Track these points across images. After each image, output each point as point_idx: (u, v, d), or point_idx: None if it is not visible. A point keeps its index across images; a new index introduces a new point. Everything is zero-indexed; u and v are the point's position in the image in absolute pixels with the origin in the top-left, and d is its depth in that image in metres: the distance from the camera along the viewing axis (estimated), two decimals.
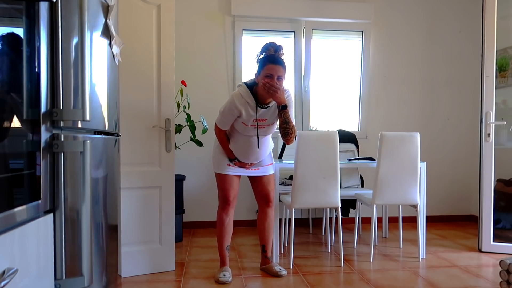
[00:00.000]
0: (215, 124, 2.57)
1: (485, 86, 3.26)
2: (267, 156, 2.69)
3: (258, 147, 2.55)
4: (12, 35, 1.00)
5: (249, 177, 2.70)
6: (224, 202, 2.61)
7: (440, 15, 4.41)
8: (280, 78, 2.37)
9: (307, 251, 3.27)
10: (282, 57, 2.44)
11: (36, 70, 1.12)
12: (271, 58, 2.40)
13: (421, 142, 4.31)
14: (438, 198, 4.47)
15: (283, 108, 2.39)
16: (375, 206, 2.98)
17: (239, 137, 2.55)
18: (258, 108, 2.46)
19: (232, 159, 2.59)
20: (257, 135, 2.52)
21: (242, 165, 2.61)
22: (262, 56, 2.46)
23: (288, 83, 4.12)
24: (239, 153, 2.58)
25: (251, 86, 2.48)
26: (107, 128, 1.63)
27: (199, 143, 3.50)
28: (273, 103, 2.50)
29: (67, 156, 1.25)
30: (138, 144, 2.65)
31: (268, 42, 2.47)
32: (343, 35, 4.31)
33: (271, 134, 2.64)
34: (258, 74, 2.43)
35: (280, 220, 3.30)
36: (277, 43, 2.45)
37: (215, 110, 3.93)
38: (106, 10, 1.60)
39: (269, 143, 2.68)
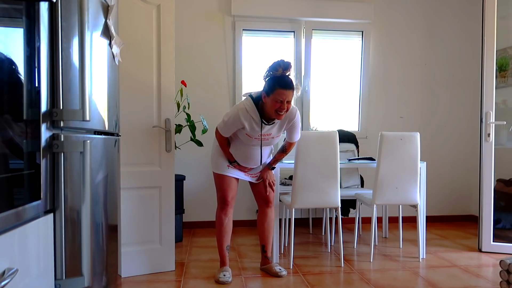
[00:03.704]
0: (217, 130, 2.55)
1: (485, 86, 3.26)
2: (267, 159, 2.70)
3: (261, 157, 2.56)
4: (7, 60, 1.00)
5: None
6: (223, 202, 2.61)
7: (440, 15, 4.41)
8: (289, 102, 2.36)
9: (307, 251, 3.27)
10: (289, 73, 2.38)
11: (36, 70, 1.12)
12: (281, 82, 2.32)
13: (421, 142, 4.30)
14: (438, 198, 4.47)
15: (272, 168, 2.67)
16: (375, 206, 2.98)
17: (240, 144, 2.54)
18: (263, 124, 2.45)
19: (232, 161, 2.60)
20: (260, 146, 2.52)
21: (241, 168, 2.62)
22: (270, 74, 2.38)
23: None
24: (239, 158, 2.58)
25: (257, 101, 2.43)
26: (107, 128, 1.63)
27: (199, 143, 3.50)
28: (278, 120, 2.48)
29: (67, 156, 1.25)
30: (138, 144, 2.65)
31: (277, 60, 2.37)
32: (343, 35, 4.31)
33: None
34: (266, 94, 2.36)
35: (280, 220, 3.30)
36: (285, 60, 2.36)
37: (215, 110, 3.96)
38: (106, 10, 1.60)
39: (270, 150, 2.68)
